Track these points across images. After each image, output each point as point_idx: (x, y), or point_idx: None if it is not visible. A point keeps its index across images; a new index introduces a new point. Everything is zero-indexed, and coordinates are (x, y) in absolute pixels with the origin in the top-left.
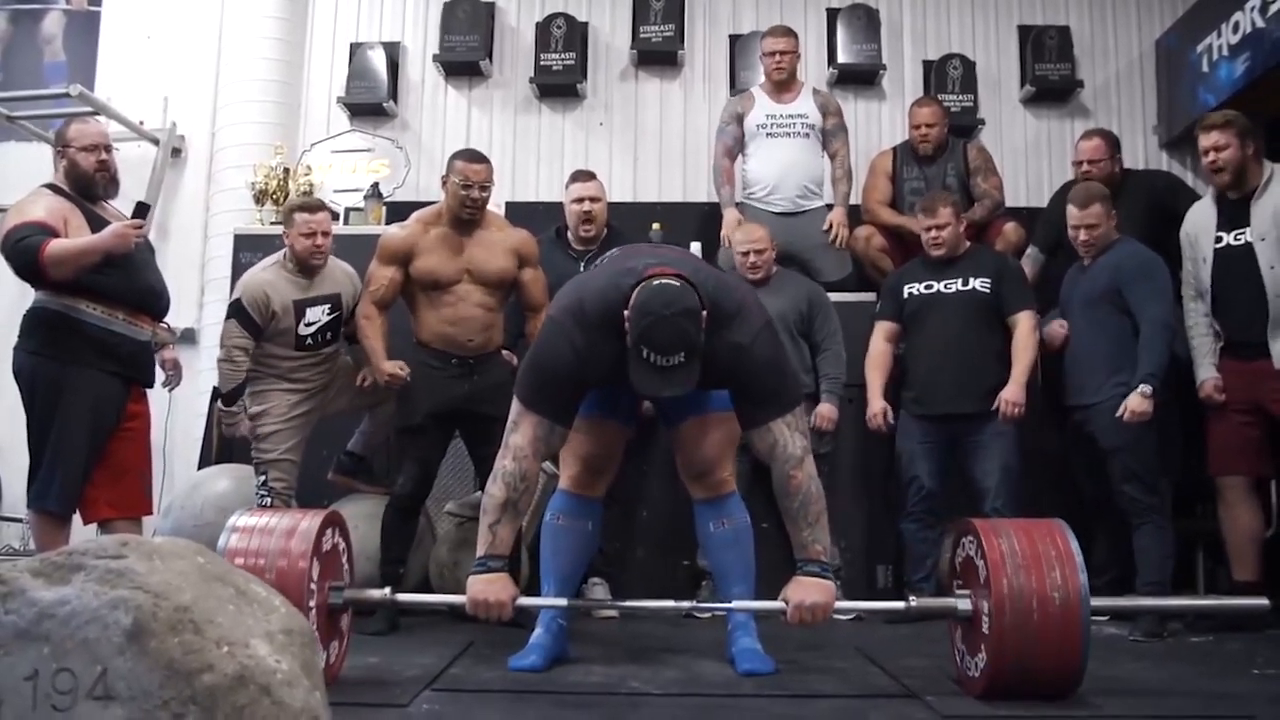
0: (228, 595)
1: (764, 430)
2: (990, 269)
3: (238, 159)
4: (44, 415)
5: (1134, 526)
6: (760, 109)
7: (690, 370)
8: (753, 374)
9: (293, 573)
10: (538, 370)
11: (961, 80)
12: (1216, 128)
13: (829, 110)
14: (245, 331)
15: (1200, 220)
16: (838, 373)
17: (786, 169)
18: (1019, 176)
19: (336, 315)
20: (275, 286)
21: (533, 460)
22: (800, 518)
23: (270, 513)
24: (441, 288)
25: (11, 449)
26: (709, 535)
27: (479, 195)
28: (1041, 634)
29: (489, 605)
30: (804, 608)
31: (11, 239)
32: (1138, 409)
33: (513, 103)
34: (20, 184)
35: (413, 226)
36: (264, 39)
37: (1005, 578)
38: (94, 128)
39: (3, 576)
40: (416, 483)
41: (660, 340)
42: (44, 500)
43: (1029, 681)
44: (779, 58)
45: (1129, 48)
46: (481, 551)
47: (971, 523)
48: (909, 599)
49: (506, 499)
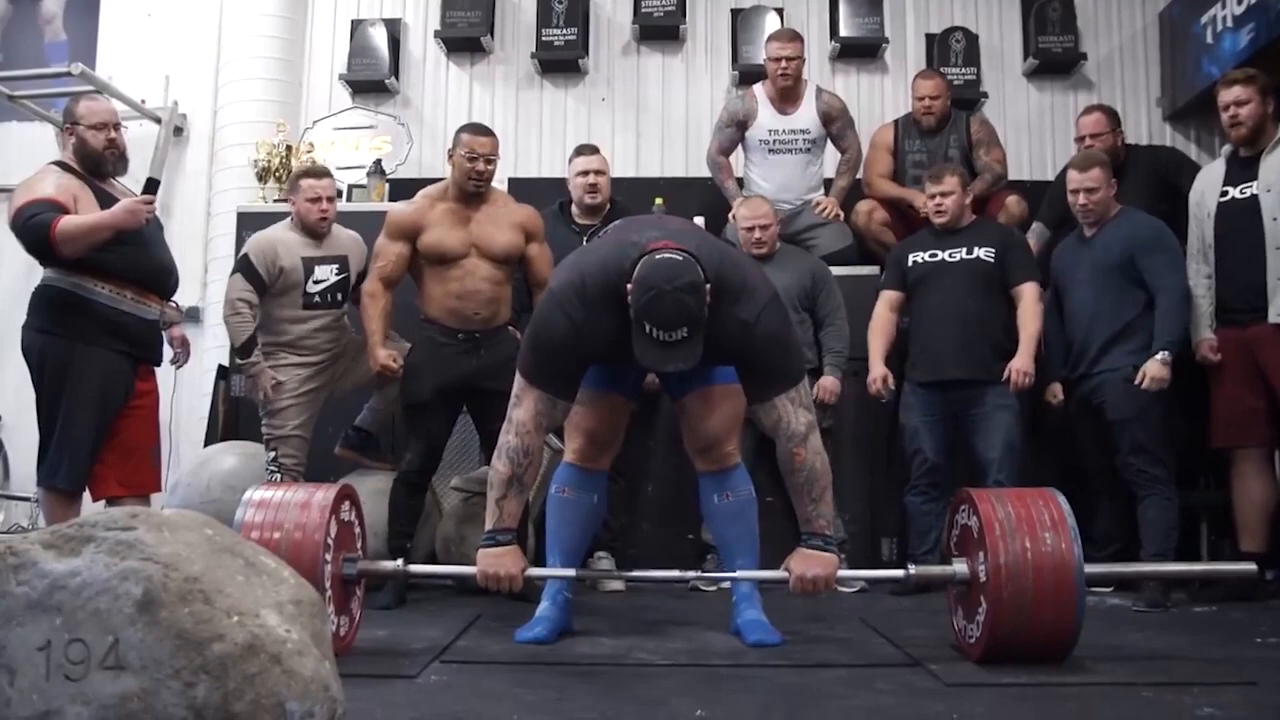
0: (237, 566)
1: (769, 406)
2: (995, 239)
3: (240, 137)
4: (53, 393)
5: (1139, 498)
6: (763, 122)
7: (693, 345)
8: (758, 350)
9: (308, 545)
10: (537, 345)
11: (964, 53)
12: (1239, 82)
13: (832, 115)
14: (249, 285)
15: (1209, 179)
16: (841, 346)
17: (786, 182)
18: (1022, 150)
19: (344, 277)
20: (285, 243)
21: (535, 435)
22: (804, 493)
23: (285, 487)
24: (448, 262)
25: (18, 427)
26: (713, 508)
27: (485, 168)
28: (1037, 598)
29: (499, 578)
30: (806, 579)
31: (22, 216)
32: (1157, 375)
33: (515, 79)
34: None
35: (419, 202)
36: (265, 16)
37: (1002, 543)
38: (103, 105)
39: (14, 548)
40: (423, 458)
41: (662, 315)
42: (53, 478)
43: (1026, 644)
44: (784, 64)
45: (1132, 20)
46: (490, 525)
47: (968, 492)
48: (909, 567)
49: (511, 474)
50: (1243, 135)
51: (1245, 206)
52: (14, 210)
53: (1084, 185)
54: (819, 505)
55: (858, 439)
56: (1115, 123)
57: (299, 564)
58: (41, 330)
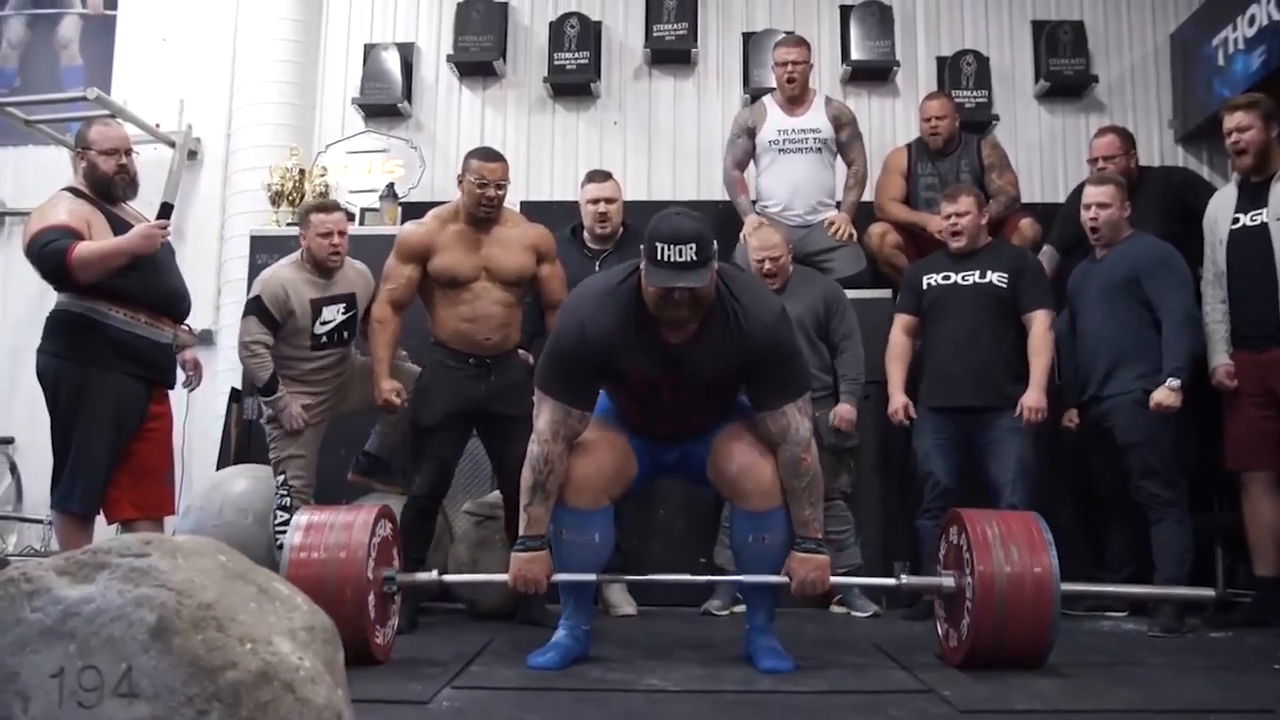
0: (250, 593)
1: (778, 413)
2: (1009, 264)
3: (253, 161)
4: (67, 417)
5: (1152, 521)
6: (772, 124)
7: (702, 269)
8: (776, 355)
9: (353, 562)
10: (550, 354)
11: (975, 76)
12: (1241, 108)
13: (842, 121)
14: (264, 327)
15: (1221, 204)
16: (857, 373)
17: (799, 184)
18: (1034, 172)
19: (351, 314)
20: (293, 285)
21: (554, 443)
22: (804, 496)
23: (329, 510)
24: (459, 285)
25: (32, 450)
26: (745, 546)
27: (495, 194)
28: (1016, 610)
29: (528, 580)
30: (806, 582)
31: (38, 243)
32: (1165, 402)
33: (526, 102)
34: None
35: (430, 224)
36: (279, 41)
37: (988, 557)
38: (115, 131)
39: (29, 575)
40: (434, 482)
41: (671, 228)
42: (67, 501)
43: (1004, 650)
44: (790, 68)
45: (1143, 41)
46: (521, 531)
47: (957, 512)
48: (900, 577)
49: (535, 482)
50: (1248, 164)
51: (1256, 234)
52: (29, 237)
53: (1096, 199)
54: (816, 509)
55: (872, 463)
56: (1129, 145)
57: (346, 581)
58: (56, 354)
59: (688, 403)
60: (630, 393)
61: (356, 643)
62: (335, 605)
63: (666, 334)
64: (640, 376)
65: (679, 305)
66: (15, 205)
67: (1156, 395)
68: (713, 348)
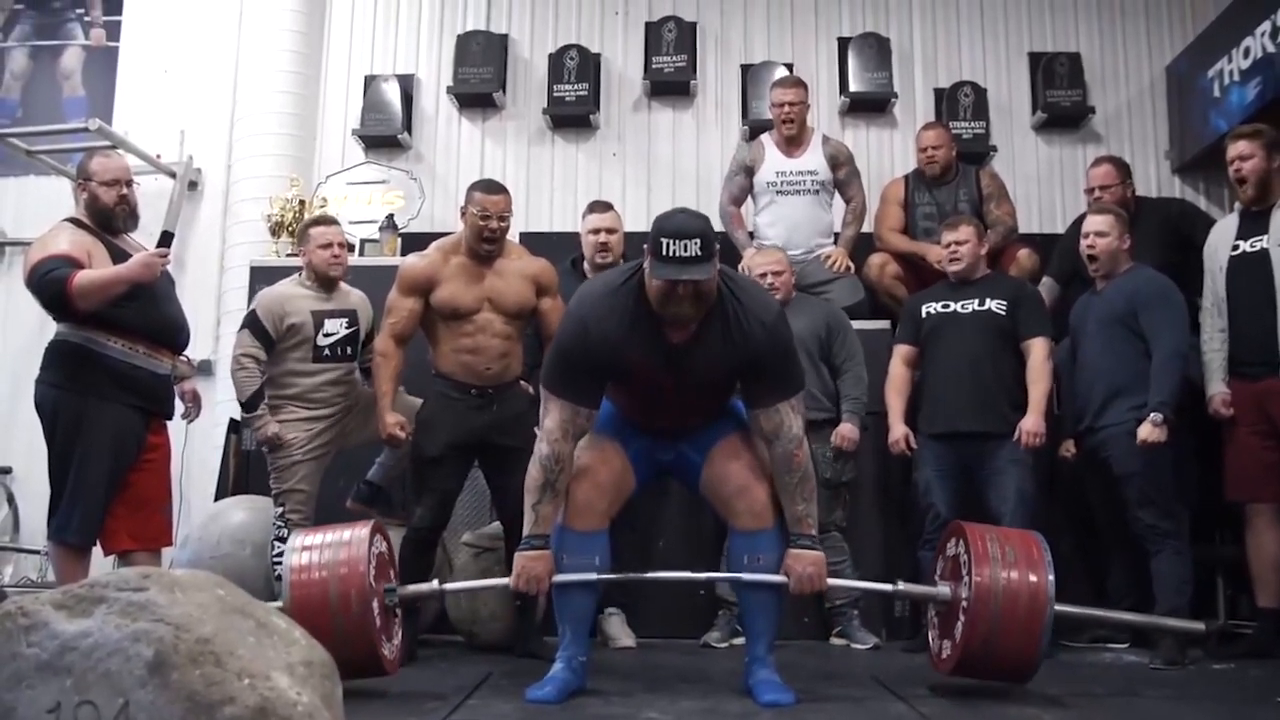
0: (248, 627)
1: (772, 411)
2: (1008, 292)
3: (253, 191)
4: (65, 447)
5: (1151, 553)
6: (770, 165)
7: (706, 264)
8: (774, 354)
9: (355, 576)
10: (554, 355)
11: (973, 107)
12: (1244, 137)
13: (839, 161)
14: (256, 341)
15: (1222, 233)
16: (859, 394)
17: (796, 224)
18: (1031, 203)
19: (354, 330)
20: (292, 298)
21: (564, 442)
22: (797, 493)
23: (324, 529)
24: (461, 317)
25: (28, 480)
26: (741, 567)
27: (497, 226)
28: (1011, 620)
29: (530, 578)
30: (803, 577)
31: (38, 273)
32: (1149, 437)
33: (526, 134)
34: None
35: (432, 256)
36: (279, 72)
37: (987, 570)
38: (116, 162)
39: (25, 609)
40: (434, 514)
41: (676, 224)
42: (64, 532)
43: (994, 660)
44: (788, 109)
45: (1140, 73)
46: (526, 530)
47: (960, 524)
48: (896, 583)
49: (544, 480)
50: (1250, 194)
51: (1256, 260)
52: (30, 267)
53: (1094, 229)
54: (809, 505)
55: (871, 493)
56: (1125, 174)
57: (349, 598)
58: (55, 385)
59: (688, 399)
60: (632, 390)
61: (367, 656)
62: (341, 619)
63: (669, 332)
64: (643, 374)
65: (683, 300)
66: (16, 235)
67: (1141, 431)
68: (713, 346)
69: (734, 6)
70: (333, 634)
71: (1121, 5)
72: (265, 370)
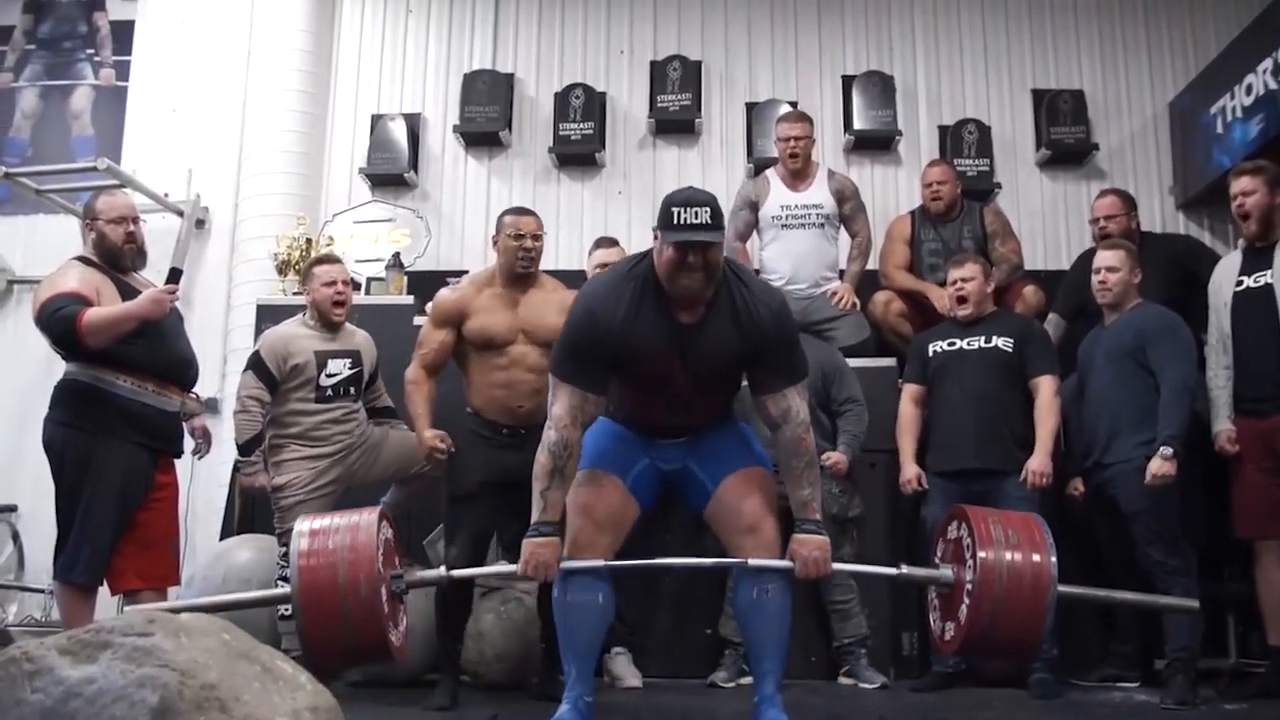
0: (254, 673)
1: (779, 396)
2: (1014, 330)
3: (260, 230)
4: (73, 486)
5: (1159, 591)
6: (775, 199)
7: (717, 229)
8: (782, 339)
9: (365, 561)
10: (563, 342)
11: (977, 145)
12: (1247, 173)
13: (845, 195)
14: (260, 383)
15: (1226, 269)
16: (857, 430)
17: (802, 258)
18: (1036, 239)
19: (358, 370)
20: (295, 339)
21: (572, 429)
22: (803, 477)
23: (329, 515)
24: (495, 348)
25: (34, 518)
26: (749, 603)
27: (532, 245)
28: (1015, 602)
29: (539, 564)
30: (809, 560)
31: (48, 310)
32: (1159, 472)
33: (532, 172)
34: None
35: (465, 288)
36: (287, 111)
37: (991, 551)
38: (121, 200)
39: (30, 655)
40: (468, 554)
41: (685, 194)
42: (71, 572)
43: (999, 639)
44: (793, 143)
45: (1142, 110)
46: (535, 517)
47: (961, 508)
48: (900, 566)
49: (553, 466)
50: (1253, 230)
51: (1260, 295)
52: (39, 305)
53: (1106, 264)
54: (814, 489)
55: (880, 531)
56: (1130, 206)
57: (359, 583)
58: (64, 424)
59: (696, 387)
60: (640, 380)
61: (377, 642)
62: (350, 605)
63: (678, 312)
64: (652, 359)
65: (694, 270)
66: (25, 273)
67: (1151, 466)
68: (722, 328)
69: (739, 45)
70: (341, 619)
71: (1124, 42)
72: (268, 411)
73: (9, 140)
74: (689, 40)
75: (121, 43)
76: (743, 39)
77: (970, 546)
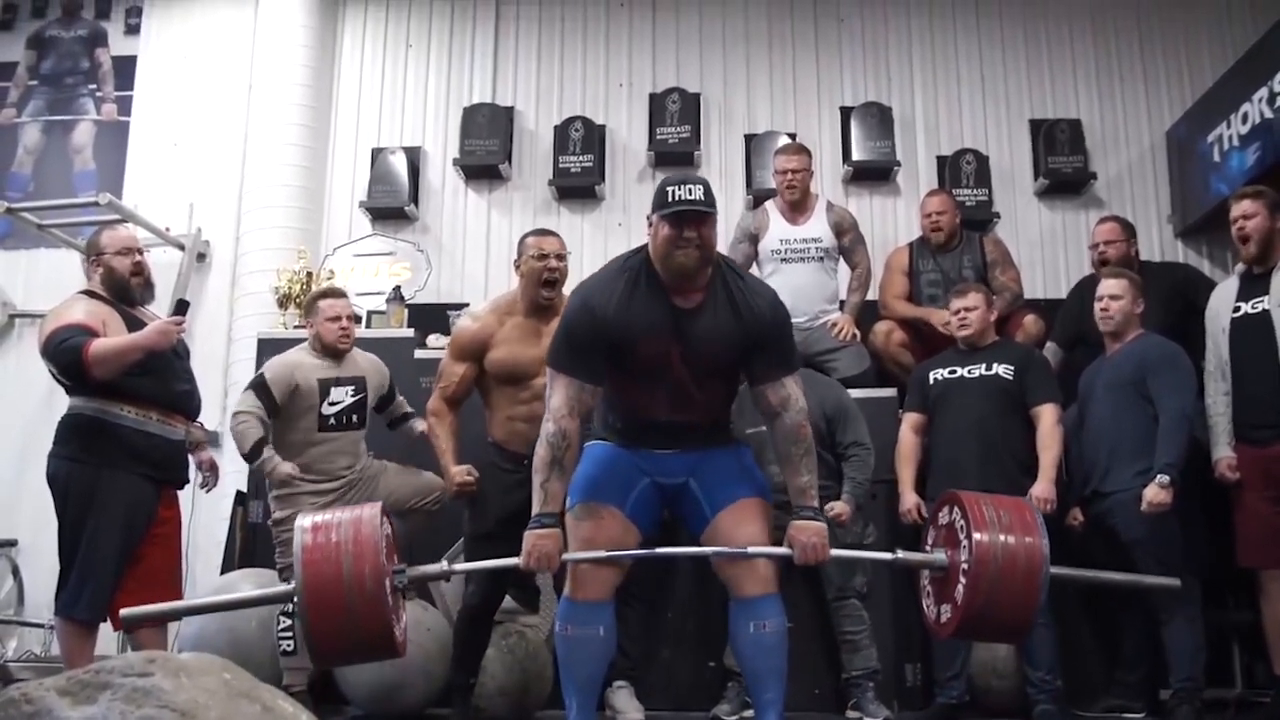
0: (255, 712)
1: (778, 385)
2: (1015, 358)
3: (261, 263)
4: (76, 521)
5: (1162, 621)
6: (774, 233)
7: (710, 201)
8: (779, 329)
9: (370, 554)
10: (559, 335)
11: (975, 174)
12: (1248, 197)
13: (844, 228)
14: (260, 402)
15: (1223, 295)
16: (863, 477)
17: (801, 292)
18: (1035, 268)
19: (361, 398)
20: (300, 365)
21: (570, 419)
22: (802, 464)
23: (331, 510)
24: (518, 381)
25: (34, 552)
26: (746, 638)
27: (557, 264)
28: (1010, 582)
29: (541, 555)
30: (807, 546)
31: (54, 341)
32: (1155, 499)
33: (532, 205)
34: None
35: (486, 318)
36: (287, 145)
37: (985, 533)
38: (125, 233)
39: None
40: (487, 591)
41: (679, 176)
42: (73, 608)
43: (993, 622)
44: (791, 176)
45: (1140, 138)
46: (536, 510)
47: (954, 493)
48: (895, 551)
49: (552, 458)
50: (1252, 253)
51: (1258, 322)
52: (45, 337)
53: (1109, 291)
54: (811, 476)
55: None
56: (1130, 233)
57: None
58: (68, 458)
59: (696, 380)
60: (639, 368)
61: (381, 634)
62: (355, 597)
63: (674, 297)
64: (649, 347)
65: (689, 244)
66: (26, 307)
67: (1147, 493)
68: (720, 314)
69: (737, 77)
70: (346, 612)
71: (1120, 72)
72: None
73: (11, 175)
74: (688, 73)
75: (123, 78)
76: (741, 71)
77: (964, 529)
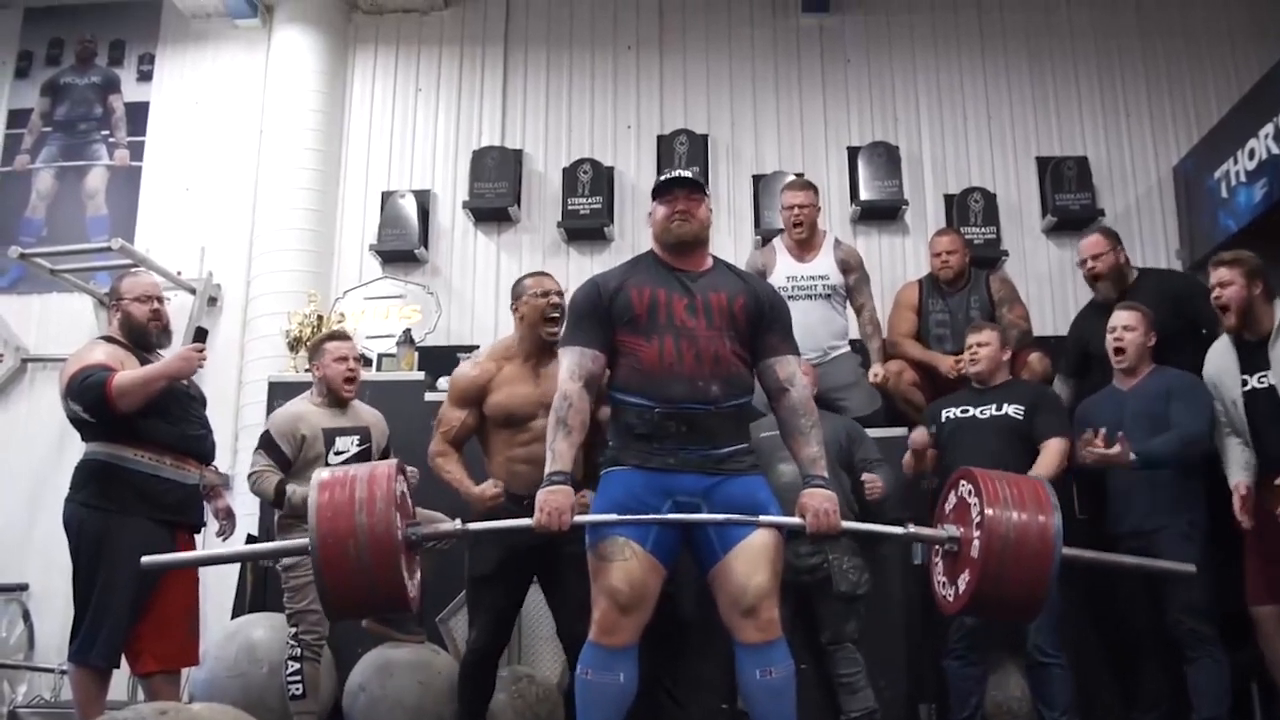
0: None
1: (784, 361)
2: (1026, 397)
3: (272, 307)
4: (90, 566)
5: (1188, 660)
6: (781, 269)
7: (700, 187)
8: (777, 306)
9: (383, 516)
10: (568, 317)
11: (983, 213)
12: (1224, 264)
13: (850, 266)
14: (270, 460)
15: (1221, 364)
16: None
17: (809, 329)
18: (1044, 306)
19: (367, 448)
20: (304, 416)
21: (571, 382)
22: (810, 435)
23: (346, 467)
24: (517, 424)
25: (45, 597)
26: (754, 684)
27: (559, 300)
28: (1022, 559)
29: (553, 510)
30: (819, 512)
31: (76, 380)
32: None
33: (541, 247)
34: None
35: (485, 364)
36: (298, 189)
37: (998, 509)
38: (146, 279)
39: None
40: (490, 634)
41: (671, 168)
42: (87, 654)
43: (1003, 599)
44: (797, 212)
45: (1147, 175)
46: (547, 469)
47: (968, 470)
48: (907, 525)
49: (557, 419)
50: (1232, 322)
51: (1267, 396)
52: (66, 379)
53: (1123, 323)
54: (820, 448)
55: (895, 602)
56: (1115, 241)
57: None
58: (83, 504)
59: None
60: (650, 322)
61: (394, 587)
62: (371, 556)
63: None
64: (648, 292)
65: (684, 216)
66: (39, 352)
67: (1112, 450)
68: (725, 276)
69: (744, 118)
70: (359, 564)
71: (1126, 109)
72: None
73: (25, 220)
74: (695, 114)
75: (136, 123)
76: (748, 112)
77: (977, 505)
